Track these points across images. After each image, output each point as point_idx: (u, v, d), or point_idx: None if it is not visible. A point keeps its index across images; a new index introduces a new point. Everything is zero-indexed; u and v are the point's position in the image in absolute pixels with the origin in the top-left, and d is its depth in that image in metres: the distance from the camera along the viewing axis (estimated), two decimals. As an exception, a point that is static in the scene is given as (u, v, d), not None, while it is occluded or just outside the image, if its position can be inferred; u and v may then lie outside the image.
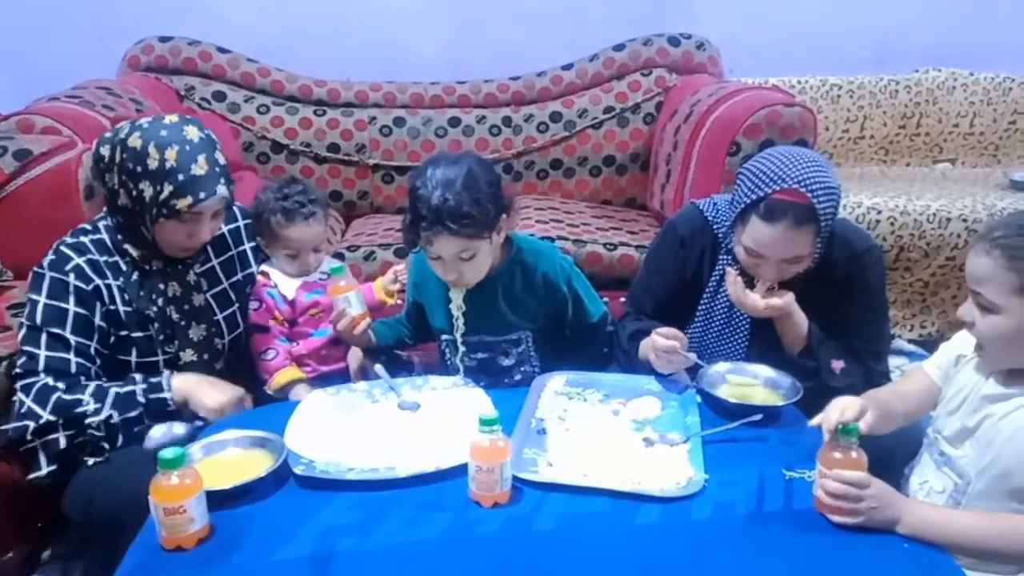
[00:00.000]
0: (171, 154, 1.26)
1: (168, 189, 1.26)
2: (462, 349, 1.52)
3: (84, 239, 1.33)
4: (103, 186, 1.34)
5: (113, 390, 1.26)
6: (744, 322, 1.49)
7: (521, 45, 2.93)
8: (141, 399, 1.27)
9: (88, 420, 1.23)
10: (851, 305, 1.42)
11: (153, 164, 1.25)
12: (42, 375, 1.25)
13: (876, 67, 3.08)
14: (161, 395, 1.29)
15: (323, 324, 1.61)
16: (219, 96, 2.74)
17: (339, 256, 1.82)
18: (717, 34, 2.89)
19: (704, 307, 1.52)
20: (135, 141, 1.27)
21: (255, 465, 1.17)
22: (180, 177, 1.26)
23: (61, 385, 1.24)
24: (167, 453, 1.01)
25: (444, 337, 1.55)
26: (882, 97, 3.05)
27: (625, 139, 2.81)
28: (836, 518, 1.03)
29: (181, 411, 1.34)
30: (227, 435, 1.24)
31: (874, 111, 3.07)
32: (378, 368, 1.49)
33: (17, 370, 1.29)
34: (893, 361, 2.56)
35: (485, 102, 2.84)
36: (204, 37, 2.79)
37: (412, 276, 1.61)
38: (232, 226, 1.55)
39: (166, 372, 1.34)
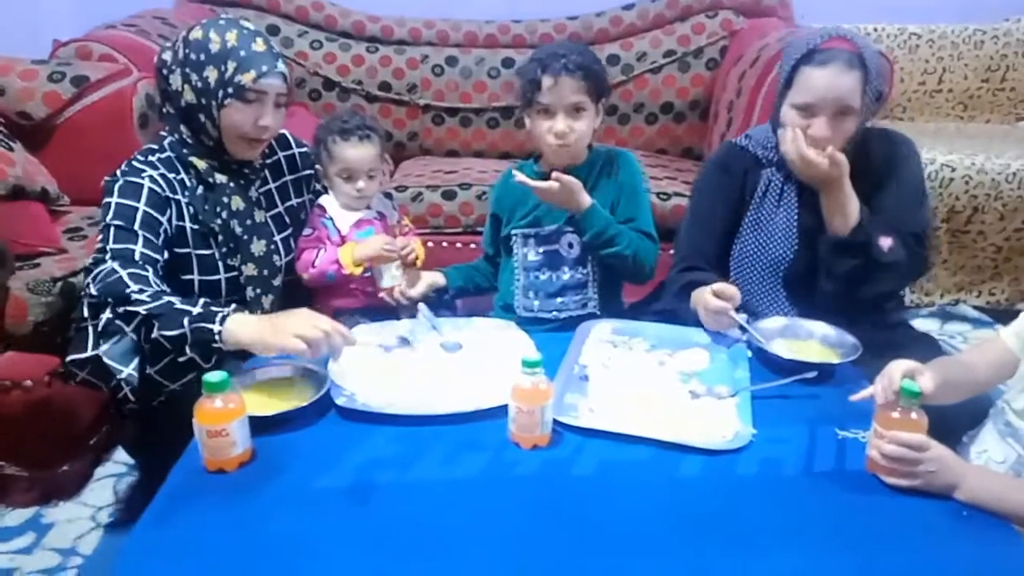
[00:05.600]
0: (231, 36, 1.32)
1: (232, 66, 1.31)
2: (534, 238, 1.54)
3: (152, 158, 1.36)
4: (167, 94, 1.36)
5: (168, 299, 1.20)
6: (792, 219, 1.47)
7: (581, -17, 2.81)
8: (186, 321, 1.17)
9: (133, 299, 1.19)
10: (892, 190, 1.44)
11: (215, 47, 1.31)
12: (108, 261, 1.25)
13: (961, 15, 2.87)
14: (208, 325, 1.16)
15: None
16: (272, 30, 2.72)
17: (387, 196, 1.81)
18: (790, -25, 2.73)
19: (751, 218, 1.52)
20: (196, 33, 1.33)
21: (298, 394, 1.18)
22: (242, 54, 1.31)
23: (123, 271, 1.22)
24: (212, 377, 1.02)
25: (515, 232, 1.57)
26: (965, 48, 2.85)
27: (685, 85, 2.70)
28: (891, 480, 0.98)
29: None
30: (272, 364, 1.25)
31: (955, 63, 2.87)
32: (421, 307, 1.48)
33: (88, 263, 1.29)
34: (955, 327, 2.46)
35: (540, 42, 2.74)
36: (259, -31, 2.76)
37: (498, 195, 1.66)
38: (287, 152, 1.56)
39: (231, 307, 1.21)
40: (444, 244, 2.29)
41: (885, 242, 1.37)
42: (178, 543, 0.92)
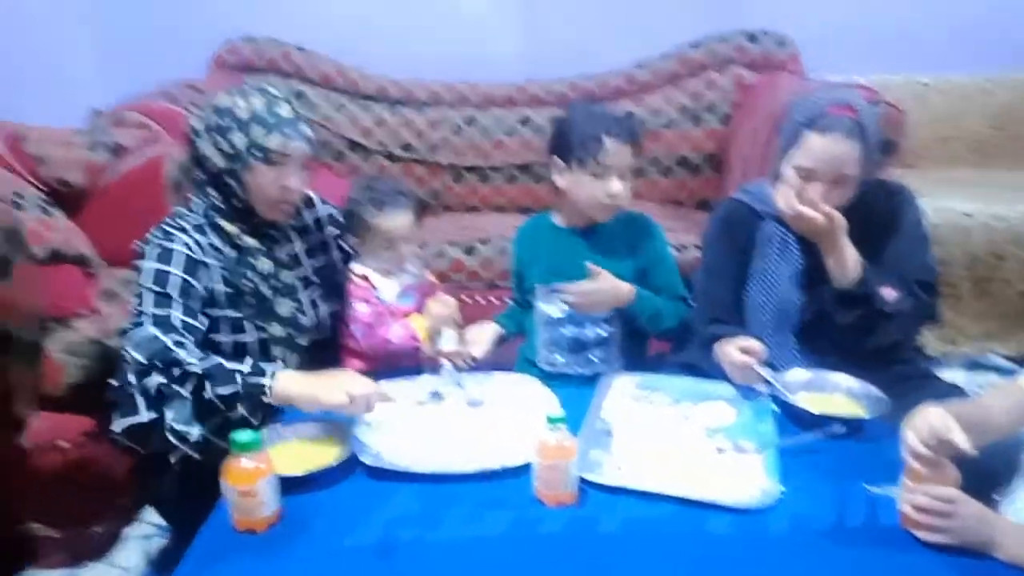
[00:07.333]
0: (257, 102, 1.37)
1: (257, 131, 1.35)
2: (556, 293, 1.55)
3: (183, 222, 1.41)
4: (197, 159, 1.41)
5: (218, 359, 1.26)
6: (796, 270, 1.49)
7: (594, 43, 2.89)
8: (239, 379, 1.23)
9: (184, 362, 1.23)
10: (895, 240, 1.46)
11: (241, 113, 1.36)
12: (148, 327, 1.28)
13: (970, 64, 2.90)
14: (260, 380, 1.23)
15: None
16: (298, 95, 2.81)
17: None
18: (798, 29, 2.79)
19: (756, 268, 1.53)
20: (223, 100, 1.39)
21: (324, 453, 1.19)
22: (267, 119, 1.36)
23: (165, 337, 1.26)
24: (241, 436, 1.04)
25: (539, 287, 1.58)
26: (976, 97, 2.88)
27: (699, 139, 2.74)
28: (923, 535, 0.96)
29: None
30: (297, 423, 1.26)
31: (967, 111, 2.89)
32: (445, 363, 1.50)
33: (126, 326, 1.33)
34: (983, 378, 2.42)
35: (557, 101, 2.81)
36: (286, 37, 2.88)
37: (517, 250, 1.71)
38: (313, 214, 1.60)
39: (278, 364, 1.29)
40: (465, 299, 2.32)
41: (888, 293, 1.38)
42: (208, 606, 0.92)
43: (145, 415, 1.27)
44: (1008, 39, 2.88)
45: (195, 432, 1.27)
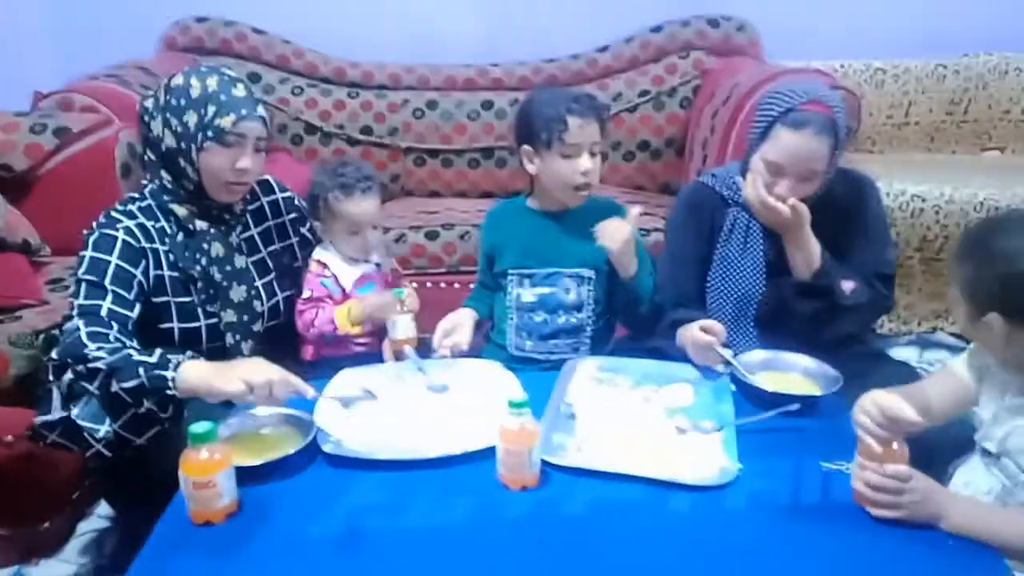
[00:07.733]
0: (211, 81, 1.34)
1: (211, 110, 1.32)
2: (529, 279, 1.55)
3: (132, 207, 1.37)
4: (148, 140, 1.37)
5: (126, 351, 1.21)
6: (759, 258, 1.50)
7: (557, 27, 2.88)
8: (142, 371, 1.18)
9: (91, 357, 1.20)
10: (856, 232, 1.48)
11: (195, 92, 1.33)
12: (75, 320, 1.25)
13: (923, 51, 2.97)
14: (163, 373, 1.18)
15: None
16: (254, 77, 2.75)
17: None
18: (757, 15, 2.82)
19: (719, 254, 1.54)
20: (177, 79, 1.35)
21: (284, 442, 1.18)
22: (222, 98, 1.33)
23: (85, 329, 1.23)
24: (198, 428, 1.02)
25: (512, 272, 1.58)
26: (929, 82, 2.95)
27: (661, 123, 2.76)
28: (876, 511, 0.99)
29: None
30: (257, 412, 1.24)
31: (920, 97, 2.96)
32: (408, 350, 1.49)
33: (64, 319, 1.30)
34: (933, 355, 2.50)
35: (519, 85, 2.80)
36: (240, 17, 2.80)
37: (488, 234, 1.67)
38: (270, 198, 1.56)
39: (186, 355, 1.23)
40: (428, 284, 2.30)
41: (847, 285, 1.40)
42: (165, 599, 0.91)
43: (57, 412, 1.25)
44: (960, 26, 2.95)
45: (103, 429, 1.25)
